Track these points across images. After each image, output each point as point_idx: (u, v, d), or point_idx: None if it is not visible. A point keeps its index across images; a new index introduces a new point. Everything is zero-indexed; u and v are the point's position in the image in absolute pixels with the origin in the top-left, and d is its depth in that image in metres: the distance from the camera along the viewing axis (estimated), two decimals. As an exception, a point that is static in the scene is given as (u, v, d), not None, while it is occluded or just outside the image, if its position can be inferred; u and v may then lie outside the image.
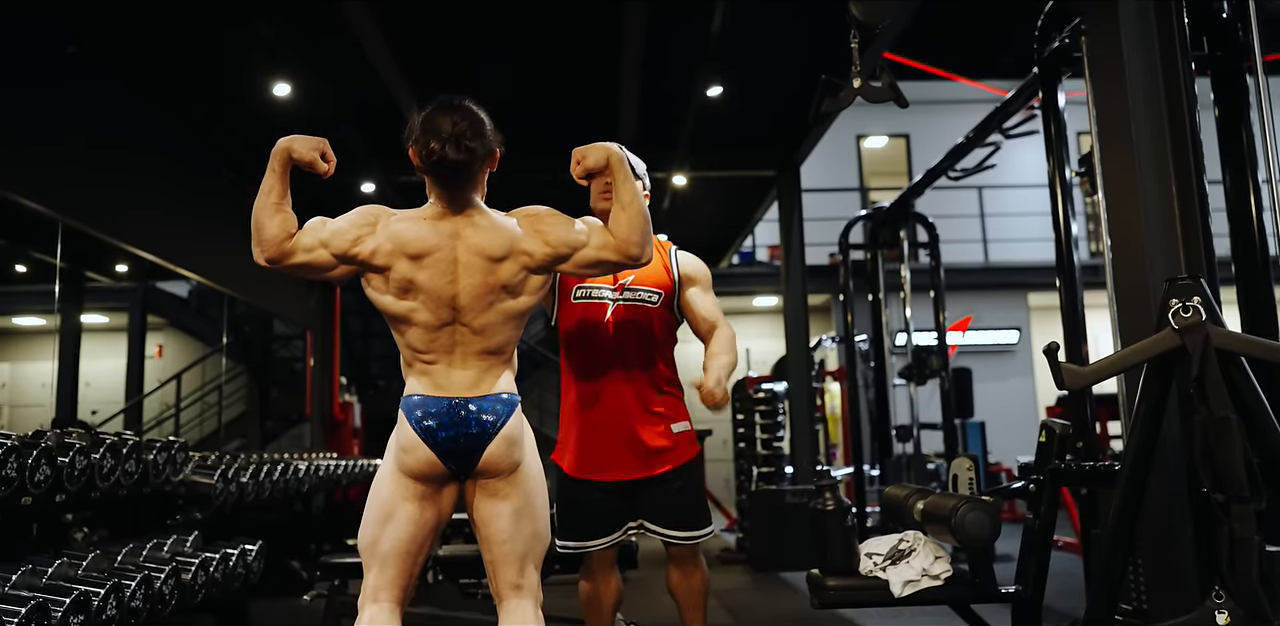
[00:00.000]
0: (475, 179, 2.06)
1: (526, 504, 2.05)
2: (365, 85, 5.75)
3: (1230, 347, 1.96)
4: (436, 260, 1.99)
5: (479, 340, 2.04)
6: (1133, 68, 2.46)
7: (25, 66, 5.01)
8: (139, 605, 3.03)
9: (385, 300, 2.04)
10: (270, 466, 4.64)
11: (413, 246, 1.99)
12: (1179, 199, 2.35)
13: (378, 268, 2.01)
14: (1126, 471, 2.07)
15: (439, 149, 1.97)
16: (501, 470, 2.02)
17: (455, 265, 2.00)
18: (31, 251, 8.89)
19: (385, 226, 2.02)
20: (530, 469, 2.08)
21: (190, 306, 11.80)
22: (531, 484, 2.07)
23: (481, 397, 2.03)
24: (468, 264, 2.00)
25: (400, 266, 1.99)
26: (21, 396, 11.38)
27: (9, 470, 2.69)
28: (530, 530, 2.04)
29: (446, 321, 2.02)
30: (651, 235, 2.11)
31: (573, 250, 2.06)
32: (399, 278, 2.00)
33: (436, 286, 1.99)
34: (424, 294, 2.00)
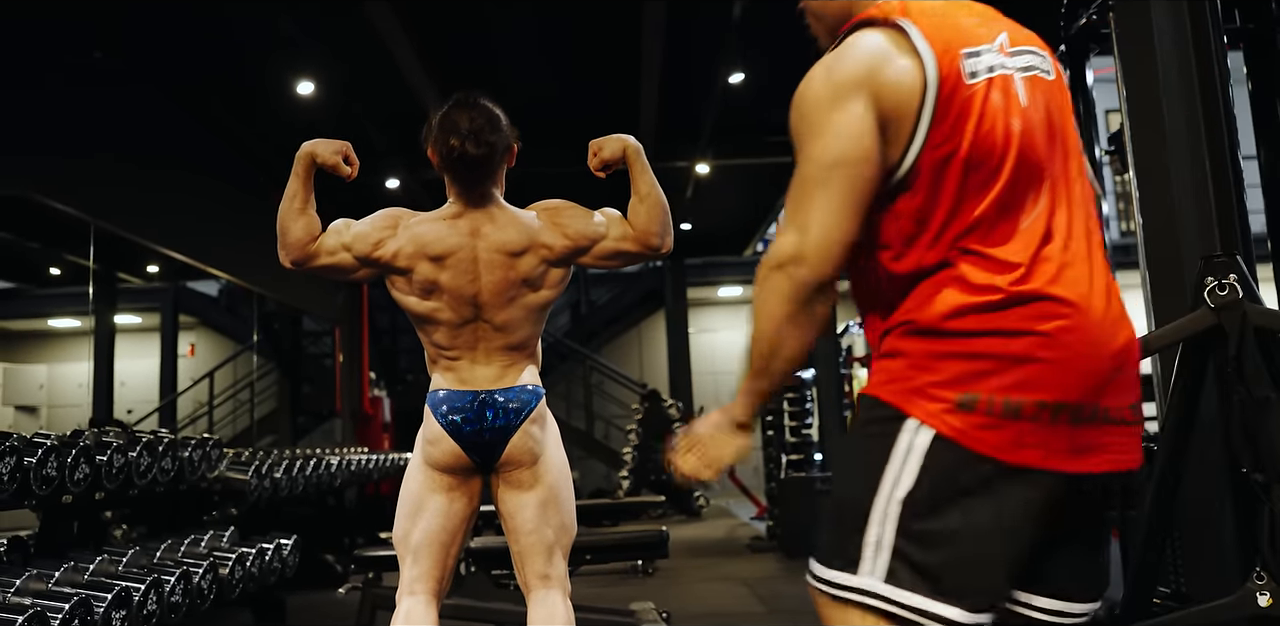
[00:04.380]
0: (494, 175, 2.07)
1: (552, 494, 2.06)
2: (389, 82, 5.77)
3: (1269, 325, 1.92)
4: (458, 260, 2.01)
5: (501, 336, 2.05)
6: (1163, 42, 2.41)
7: (53, 72, 5.08)
8: (178, 600, 3.07)
9: (409, 300, 2.06)
10: (303, 462, 4.70)
11: (434, 248, 2.00)
12: (1212, 175, 2.31)
13: (400, 270, 2.03)
14: (1164, 453, 2.04)
15: (458, 145, 1.98)
16: (525, 461, 2.04)
17: (476, 264, 2.01)
18: (65, 254, 9.03)
19: (406, 229, 2.04)
20: (555, 459, 2.08)
21: (220, 305, 11.95)
22: (556, 474, 2.08)
23: (506, 389, 2.05)
24: (488, 261, 2.02)
25: (422, 268, 2.01)
26: (59, 397, 11.58)
27: (49, 469, 2.73)
28: (557, 520, 2.05)
29: (469, 319, 2.04)
30: (671, 225, 2.10)
31: (592, 242, 2.06)
32: (421, 279, 2.01)
33: (458, 285, 2.01)
34: (447, 294, 2.02)
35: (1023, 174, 1.21)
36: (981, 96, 1.20)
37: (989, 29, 1.27)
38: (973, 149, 1.19)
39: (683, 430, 1.39)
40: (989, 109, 1.20)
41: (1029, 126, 1.23)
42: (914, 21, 1.22)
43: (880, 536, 1.13)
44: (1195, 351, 2.02)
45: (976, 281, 1.18)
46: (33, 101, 4.85)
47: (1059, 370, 1.14)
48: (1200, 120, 2.34)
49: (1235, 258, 2.01)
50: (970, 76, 1.20)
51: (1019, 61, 1.26)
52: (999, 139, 1.20)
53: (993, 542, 1.12)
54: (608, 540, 3.92)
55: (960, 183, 1.19)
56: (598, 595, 4.33)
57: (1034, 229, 1.20)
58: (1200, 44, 2.37)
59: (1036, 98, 1.25)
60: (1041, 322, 1.15)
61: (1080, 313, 1.17)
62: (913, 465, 1.14)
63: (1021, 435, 1.13)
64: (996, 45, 1.25)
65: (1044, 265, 1.18)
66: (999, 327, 1.15)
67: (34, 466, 2.67)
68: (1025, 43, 1.30)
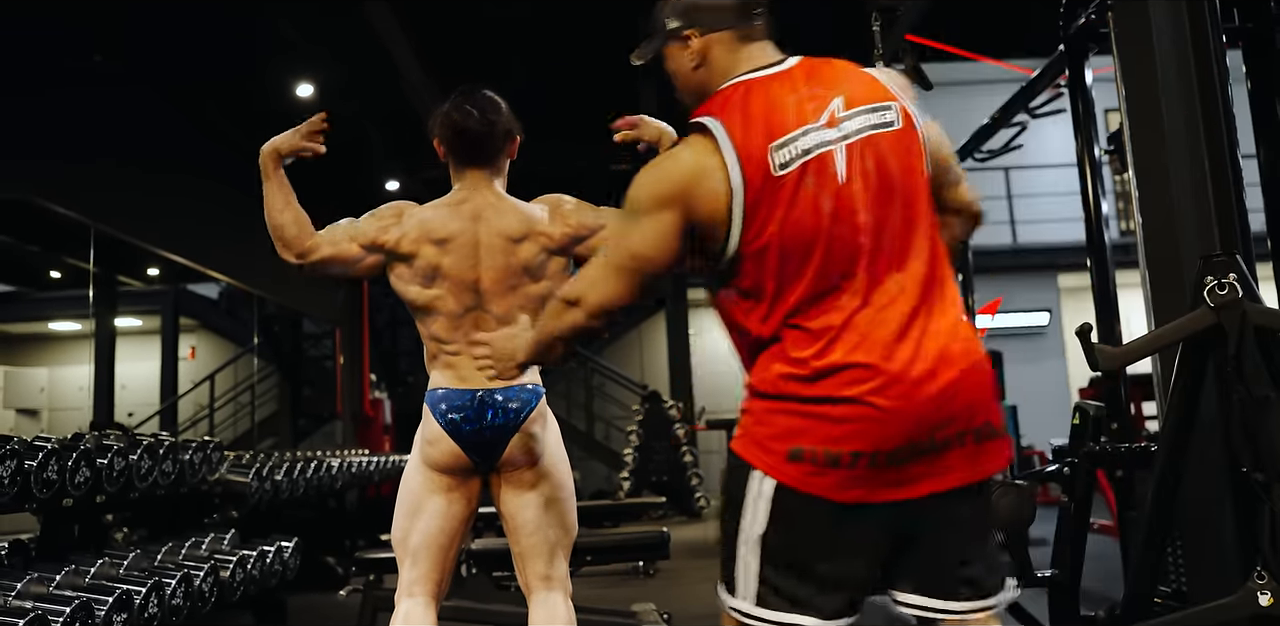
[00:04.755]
0: (496, 158, 2.10)
1: (554, 494, 2.05)
2: (389, 84, 5.78)
3: (1269, 325, 1.92)
4: (460, 244, 2.02)
5: (502, 328, 2.02)
6: (1162, 42, 2.41)
7: (53, 76, 5.08)
8: (179, 603, 3.07)
9: (411, 290, 2.05)
10: (303, 464, 4.69)
11: (438, 232, 2.02)
12: (1211, 174, 2.31)
13: (404, 255, 2.03)
14: (1163, 452, 2.04)
15: (460, 120, 2.04)
16: (527, 461, 2.04)
17: (477, 248, 2.02)
18: (65, 257, 9.03)
19: (410, 216, 2.06)
20: (556, 459, 2.08)
21: (221, 308, 11.95)
22: (558, 474, 2.07)
23: (506, 388, 2.03)
24: (489, 245, 2.03)
25: (426, 252, 2.02)
26: (60, 400, 11.57)
27: (50, 473, 2.73)
28: (559, 521, 2.05)
29: (470, 307, 2.03)
30: None
31: (592, 232, 2.08)
32: (424, 264, 2.02)
33: (460, 270, 2.02)
34: (448, 280, 2.02)
35: (836, 253, 1.35)
36: (792, 187, 1.34)
37: (820, 101, 1.39)
38: (783, 239, 1.34)
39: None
40: (800, 197, 1.34)
41: (845, 203, 1.35)
42: (728, 121, 1.37)
43: (747, 566, 1.36)
44: (1195, 351, 2.02)
45: (795, 355, 1.35)
46: (33, 105, 4.85)
47: (872, 426, 1.31)
48: (1199, 119, 2.33)
49: (1235, 257, 2.00)
50: (780, 168, 1.34)
51: (851, 125, 1.38)
52: (809, 226, 1.34)
53: (835, 566, 1.34)
54: (609, 541, 3.92)
55: (778, 268, 1.35)
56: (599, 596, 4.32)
57: (849, 302, 1.35)
58: (1199, 43, 2.37)
59: (865, 163, 1.37)
60: (849, 388, 1.32)
61: (885, 373, 1.32)
62: (762, 507, 1.35)
63: (845, 479, 1.32)
64: (823, 120, 1.37)
65: (849, 334, 1.34)
66: (814, 395, 1.33)
67: (35, 469, 2.68)
68: (866, 101, 1.41)
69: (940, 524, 1.39)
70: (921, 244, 1.41)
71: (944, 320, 1.38)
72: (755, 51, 1.48)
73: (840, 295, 1.36)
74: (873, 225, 1.37)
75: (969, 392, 1.37)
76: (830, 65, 1.46)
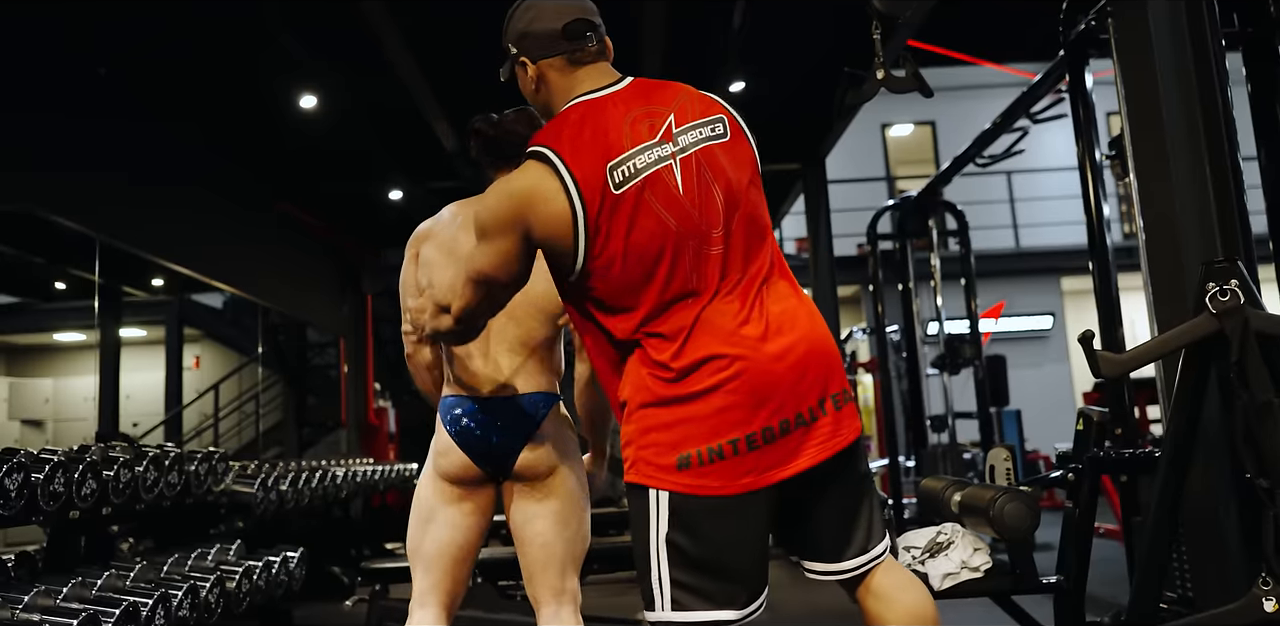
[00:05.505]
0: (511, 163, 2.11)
1: (566, 505, 2.00)
2: (392, 94, 5.79)
3: (1270, 331, 1.92)
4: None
5: (512, 325, 1.99)
6: (1161, 46, 2.41)
7: (57, 89, 5.10)
8: (186, 614, 3.08)
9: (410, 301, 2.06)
10: (309, 474, 4.70)
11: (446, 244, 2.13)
12: (1213, 178, 2.31)
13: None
14: (1167, 458, 2.04)
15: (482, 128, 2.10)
16: (539, 471, 1.99)
17: None
18: (70, 268, 9.06)
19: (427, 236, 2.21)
20: (570, 469, 2.03)
21: (225, 317, 11.97)
22: (572, 484, 2.02)
23: (515, 396, 1.99)
24: None
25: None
26: (65, 410, 11.59)
27: (56, 485, 2.74)
28: (570, 533, 2.00)
29: None
30: None
31: None
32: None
33: None
34: None
35: (682, 261, 1.44)
36: (631, 202, 1.42)
37: (654, 118, 1.48)
38: (628, 251, 1.42)
39: None
40: (640, 212, 1.43)
41: (684, 213, 1.44)
42: (561, 147, 1.44)
43: (659, 576, 1.43)
44: (1197, 357, 2.02)
45: (657, 359, 1.44)
46: (37, 118, 4.87)
47: (743, 410, 1.41)
48: (1200, 123, 2.34)
49: (1236, 263, 2.01)
50: (617, 187, 1.42)
51: (685, 140, 1.48)
52: (651, 236, 1.42)
53: (739, 555, 1.44)
54: (614, 549, 3.92)
55: (626, 281, 1.43)
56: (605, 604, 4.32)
57: (696, 303, 1.44)
58: (1199, 47, 2.37)
59: (701, 174, 1.46)
60: (711, 378, 1.41)
61: (740, 357, 1.42)
62: (663, 518, 1.43)
63: (731, 469, 1.41)
64: (658, 137, 1.46)
65: (700, 331, 1.43)
66: (683, 394, 1.42)
67: (41, 482, 2.68)
68: (697, 116, 1.51)
69: (823, 492, 1.51)
70: (757, 245, 1.50)
71: (783, 303, 1.49)
72: (589, 74, 1.56)
73: (688, 299, 1.44)
74: (720, 233, 1.46)
75: (820, 362, 1.47)
76: (663, 85, 1.56)
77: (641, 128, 1.47)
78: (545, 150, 1.46)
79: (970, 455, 6.68)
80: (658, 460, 1.43)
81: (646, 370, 1.45)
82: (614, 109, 1.50)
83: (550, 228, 1.44)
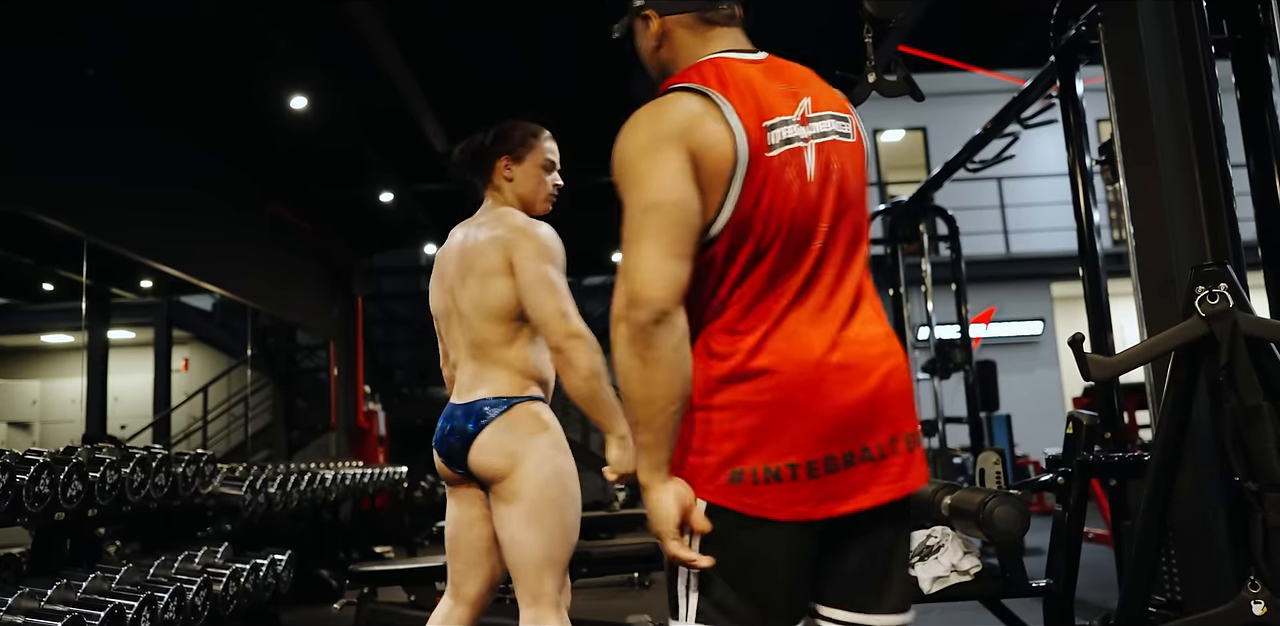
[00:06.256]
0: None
1: (535, 508, 1.99)
2: (382, 95, 5.78)
3: (1259, 334, 1.93)
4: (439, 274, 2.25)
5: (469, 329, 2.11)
6: (1151, 53, 2.43)
7: (45, 89, 5.08)
8: (172, 617, 3.05)
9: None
10: (297, 476, 4.68)
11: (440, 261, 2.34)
12: (1202, 184, 2.32)
13: None
14: (1156, 462, 2.04)
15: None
16: (497, 474, 2.01)
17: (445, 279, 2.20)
18: (58, 269, 9.01)
19: None
20: (538, 471, 2.02)
21: (214, 319, 11.92)
22: (540, 486, 2.01)
23: (470, 402, 2.08)
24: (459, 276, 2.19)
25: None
26: (52, 412, 11.51)
27: (41, 486, 2.72)
28: (543, 536, 1.99)
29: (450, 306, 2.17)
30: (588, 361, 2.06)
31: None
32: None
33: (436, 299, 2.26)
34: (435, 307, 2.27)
35: (790, 249, 1.27)
36: (777, 170, 1.25)
37: (792, 98, 1.32)
38: (763, 222, 1.25)
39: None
40: (780, 183, 1.26)
41: (809, 201, 1.28)
42: (723, 90, 1.27)
43: (686, 586, 1.29)
44: (1187, 360, 2.02)
45: (723, 354, 1.27)
46: (24, 119, 4.84)
47: (803, 433, 1.25)
48: (1189, 129, 2.35)
49: (1226, 267, 2.01)
50: (770, 149, 1.26)
51: (817, 128, 1.32)
52: (780, 213, 1.26)
53: (772, 584, 1.28)
54: (604, 553, 3.91)
55: (749, 251, 1.25)
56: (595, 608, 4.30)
57: (788, 302, 1.27)
58: (1189, 53, 2.38)
59: (827, 165, 1.31)
60: (773, 392, 1.25)
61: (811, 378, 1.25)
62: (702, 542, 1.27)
63: (786, 494, 1.25)
64: (797, 115, 1.30)
65: (778, 337, 1.26)
66: (741, 402, 1.25)
67: (26, 483, 2.66)
68: (828, 107, 1.35)
69: (869, 536, 1.34)
70: (858, 258, 1.36)
71: (871, 328, 1.33)
72: (722, 36, 1.41)
73: (782, 294, 1.28)
74: (826, 229, 1.31)
75: (895, 398, 1.33)
76: (798, 67, 1.40)
77: (782, 101, 1.31)
78: (701, 88, 1.27)
79: (960, 459, 6.69)
80: (708, 468, 1.27)
81: (707, 366, 1.27)
82: (758, 74, 1.33)
83: (709, 164, 1.23)
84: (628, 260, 1.23)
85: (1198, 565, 2.18)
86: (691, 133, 1.24)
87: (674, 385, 1.23)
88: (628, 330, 1.21)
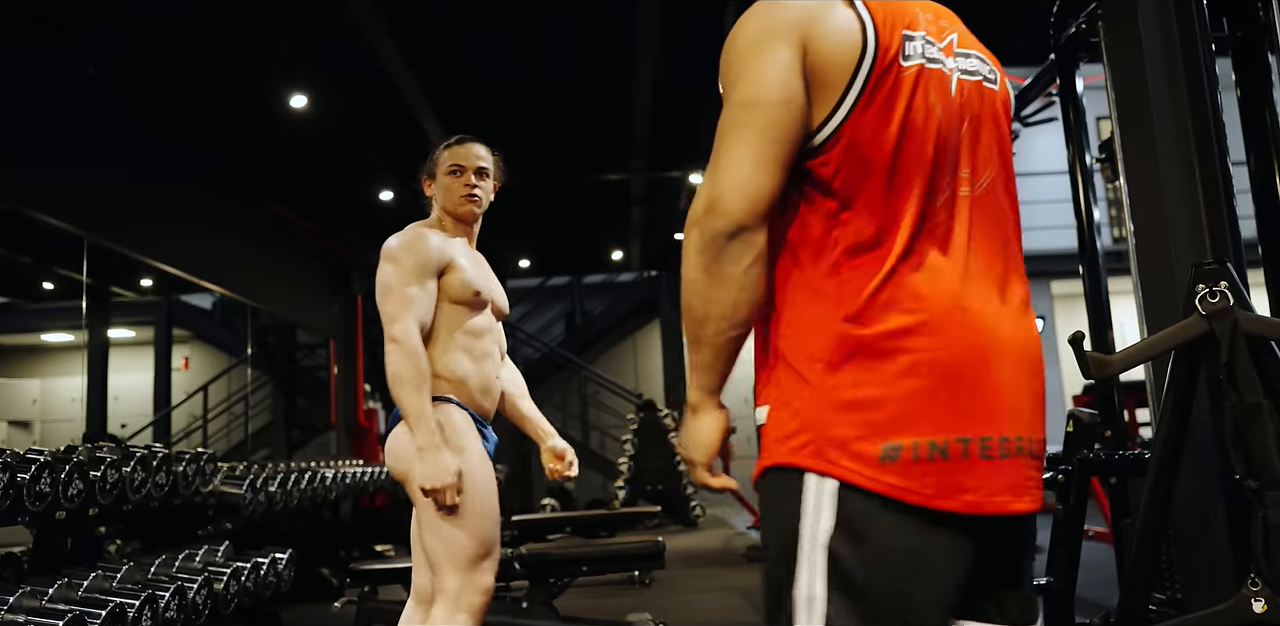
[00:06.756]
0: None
1: (425, 509, 2.09)
2: (383, 94, 5.79)
3: (1260, 332, 1.93)
4: None
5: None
6: (1151, 51, 2.43)
7: (45, 88, 5.08)
8: (173, 616, 3.06)
9: None
10: (297, 475, 4.68)
11: None
12: (1202, 182, 2.32)
13: None
14: (1156, 460, 2.04)
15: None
16: (400, 478, 2.15)
17: None
18: (58, 268, 9.02)
19: None
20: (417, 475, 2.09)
21: (214, 318, 11.93)
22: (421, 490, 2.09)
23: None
24: None
25: None
26: (52, 411, 11.52)
27: (42, 485, 2.72)
28: (433, 538, 2.08)
29: None
30: None
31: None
32: None
33: None
34: None
35: (940, 181, 1.08)
36: (912, 82, 1.07)
37: (938, 25, 1.16)
38: (899, 134, 1.06)
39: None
40: (913, 103, 1.07)
41: (946, 134, 1.10)
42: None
43: (810, 592, 1.03)
44: (1187, 359, 2.02)
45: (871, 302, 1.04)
46: (23, 117, 4.84)
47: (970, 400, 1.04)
48: (1190, 127, 2.35)
49: (1226, 265, 2.02)
50: (905, 58, 1.08)
51: (964, 64, 1.16)
52: (921, 133, 1.07)
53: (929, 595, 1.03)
54: (604, 551, 3.91)
55: (878, 169, 1.06)
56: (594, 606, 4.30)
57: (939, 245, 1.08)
58: (1189, 51, 2.38)
59: (974, 105, 1.14)
60: (933, 350, 1.03)
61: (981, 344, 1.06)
62: (826, 515, 1.03)
63: (954, 476, 1.03)
64: (944, 43, 1.14)
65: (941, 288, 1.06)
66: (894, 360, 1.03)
67: (27, 482, 2.66)
68: (976, 48, 1.21)
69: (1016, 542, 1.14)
70: (1012, 218, 1.16)
71: (1027, 318, 1.14)
72: None
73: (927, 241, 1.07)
74: (972, 174, 1.11)
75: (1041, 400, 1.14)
76: (939, 5, 1.22)
77: (930, 24, 1.13)
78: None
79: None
80: (853, 443, 1.02)
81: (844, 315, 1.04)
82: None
83: (828, 57, 1.05)
84: (715, 161, 1.07)
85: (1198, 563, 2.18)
86: (810, 23, 1.07)
87: (739, 308, 1.07)
88: (699, 238, 1.07)
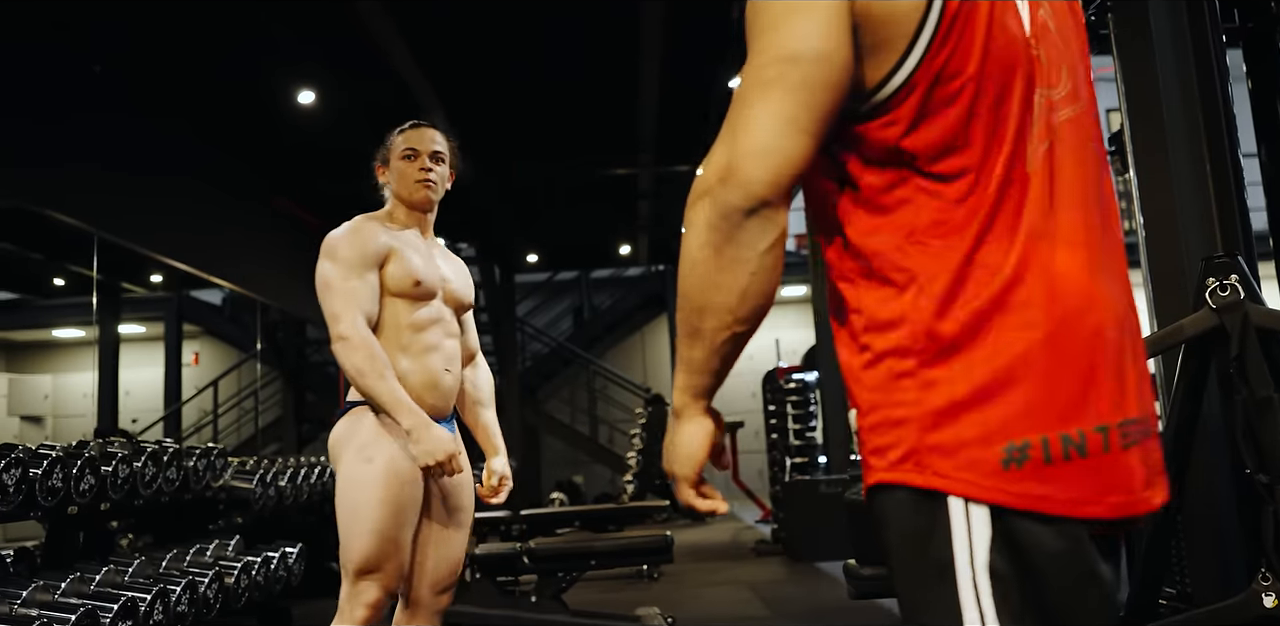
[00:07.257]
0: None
1: (337, 516, 2.10)
2: (390, 90, 5.79)
3: (1270, 326, 1.92)
4: None
5: None
6: (1161, 42, 2.41)
7: (54, 86, 5.09)
8: (185, 609, 3.08)
9: None
10: (307, 469, 4.70)
11: None
12: (1213, 174, 2.31)
13: None
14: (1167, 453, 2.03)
15: None
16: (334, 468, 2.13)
17: None
18: (68, 265, 9.06)
19: None
20: (338, 480, 2.10)
21: (224, 314, 11.97)
22: (339, 496, 2.09)
23: None
24: None
25: None
26: (64, 407, 11.58)
27: (55, 480, 2.74)
28: (341, 540, 2.11)
29: None
30: None
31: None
32: None
33: None
34: None
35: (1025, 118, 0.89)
36: (985, 15, 0.88)
37: None
38: (984, 77, 0.87)
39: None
40: (995, 30, 0.88)
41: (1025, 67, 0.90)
42: None
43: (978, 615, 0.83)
44: (1197, 352, 2.02)
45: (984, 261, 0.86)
46: (34, 114, 4.86)
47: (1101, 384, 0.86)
48: (1200, 119, 2.34)
49: (1236, 258, 2.01)
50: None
51: None
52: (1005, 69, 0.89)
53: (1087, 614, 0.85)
54: (613, 545, 3.92)
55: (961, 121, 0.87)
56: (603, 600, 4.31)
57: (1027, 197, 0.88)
58: (1199, 43, 2.37)
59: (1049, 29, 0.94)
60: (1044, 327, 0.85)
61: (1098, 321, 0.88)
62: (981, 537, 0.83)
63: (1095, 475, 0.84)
64: None
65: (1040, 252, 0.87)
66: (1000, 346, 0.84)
67: (40, 477, 2.68)
68: None
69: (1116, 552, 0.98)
70: (1104, 173, 0.96)
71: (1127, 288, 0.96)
72: None
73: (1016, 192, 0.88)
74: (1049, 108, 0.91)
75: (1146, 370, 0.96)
76: None
77: None
78: None
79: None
80: (964, 450, 0.83)
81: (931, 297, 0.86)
82: None
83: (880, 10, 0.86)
84: (735, 120, 0.87)
85: (1208, 557, 2.17)
86: None
87: (746, 299, 0.88)
88: (710, 212, 0.87)
